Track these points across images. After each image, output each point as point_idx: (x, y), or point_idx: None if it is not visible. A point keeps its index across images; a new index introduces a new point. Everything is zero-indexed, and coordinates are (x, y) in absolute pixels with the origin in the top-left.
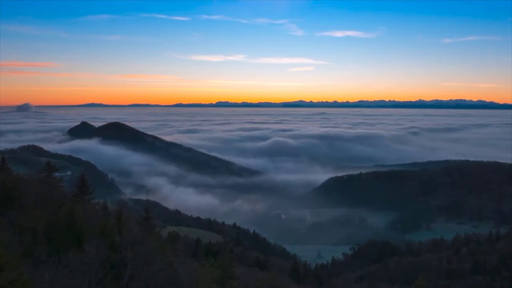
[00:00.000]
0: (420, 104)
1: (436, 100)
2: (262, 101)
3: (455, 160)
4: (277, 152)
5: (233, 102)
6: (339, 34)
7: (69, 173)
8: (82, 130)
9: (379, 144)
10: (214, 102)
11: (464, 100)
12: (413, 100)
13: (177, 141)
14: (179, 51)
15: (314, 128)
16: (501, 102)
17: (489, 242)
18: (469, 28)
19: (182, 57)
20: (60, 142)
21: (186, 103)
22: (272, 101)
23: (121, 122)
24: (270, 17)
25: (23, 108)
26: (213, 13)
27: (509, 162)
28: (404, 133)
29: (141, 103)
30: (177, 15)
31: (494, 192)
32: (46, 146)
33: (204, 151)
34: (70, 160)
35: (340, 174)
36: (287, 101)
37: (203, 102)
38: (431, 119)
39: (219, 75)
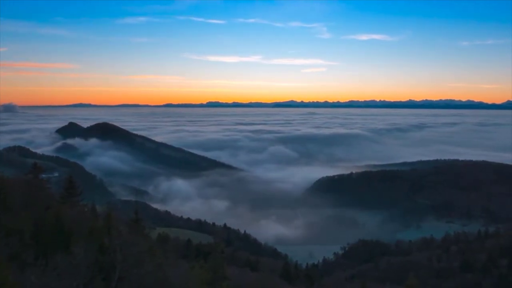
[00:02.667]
0: (410, 104)
1: (426, 100)
2: (253, 101)
3: (444, 160)
4: (267, 152)
5: (224, 102)
6: (364, 37)
7: (56, 174)
8: (70, 131)
9: (354, 143)
10: (204, 102)
11: (453, 100)
12: (403, 100)
13: (167, 142)
14: (196, 52)
15: (304, 128)
16: (490, 102)
17: (478, 241)
18: (465, 30)
19: (198, 57)
20: (47, 143)
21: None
22: (263, 101)
23: (110, 123)
24: (303, 20)
25: (8, 108)
26: (248, 16)
27: (497, 161)
28: (372, 134)
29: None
30: (213, 18)
31: (483, 191)
32: (33, 147)
33: (194, 151)
34: (57, 161)
35: (331, 174)
36: (278, 101)
37: (194, 103)
38: (402, 118)
39: (225, 76)
